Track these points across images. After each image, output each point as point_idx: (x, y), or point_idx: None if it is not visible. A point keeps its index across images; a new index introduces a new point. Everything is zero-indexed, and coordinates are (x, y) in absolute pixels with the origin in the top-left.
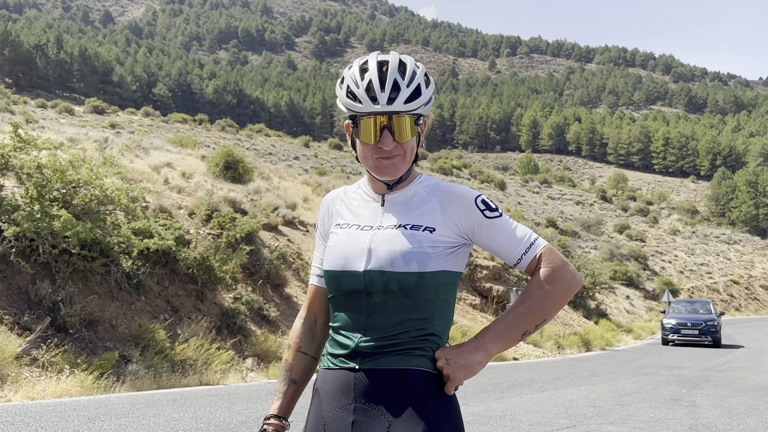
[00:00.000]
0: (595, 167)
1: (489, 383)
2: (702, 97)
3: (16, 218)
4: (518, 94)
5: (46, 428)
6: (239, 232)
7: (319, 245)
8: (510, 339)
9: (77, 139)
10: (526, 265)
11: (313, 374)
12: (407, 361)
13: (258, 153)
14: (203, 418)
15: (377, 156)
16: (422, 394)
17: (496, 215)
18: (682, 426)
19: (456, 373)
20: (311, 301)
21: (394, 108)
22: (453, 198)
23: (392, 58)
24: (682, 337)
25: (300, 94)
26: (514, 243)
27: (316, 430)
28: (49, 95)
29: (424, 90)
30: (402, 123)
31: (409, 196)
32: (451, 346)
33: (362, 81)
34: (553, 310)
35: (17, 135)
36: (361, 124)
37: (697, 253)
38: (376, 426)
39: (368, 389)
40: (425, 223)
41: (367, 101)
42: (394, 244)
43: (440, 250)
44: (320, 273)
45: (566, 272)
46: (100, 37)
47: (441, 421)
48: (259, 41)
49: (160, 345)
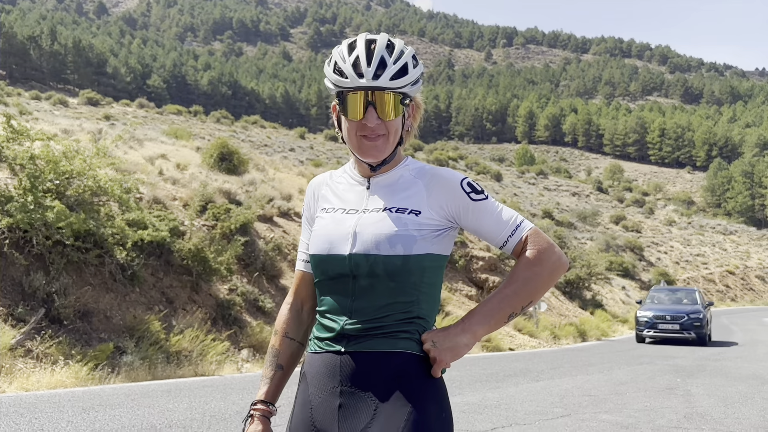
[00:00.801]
0: (591, 158)
1: (484, 373)
2: (698, 87)
3: (9, 209)
4: (514, 85)
5: (41, 419)
6: (234, 223)
7: (305, 230)
8: (496, 321)
9: (71, 131)
10: (512, 248)
11: (299, 360)
12: (393, 343)
13: (253, 144)
14: (198, 408)
15: (361, 134)
16: (409, 376)
17: (481, 198)
18: (677, 415)
19: (442, 355)
20: (298, 286)
21: (379, 83)
22: (438, 181)
23: (380, 38)
24: (659, 332)
25: (295, 85)
26: (500, 225)
27: (303, 413)
28: (43, 87)
29: (411, 69)
30: (387, 100)
31: (394, 179)
32: (438, 329)
33: (349, 57)
34: (539, 291)
35: (10, 126)
36: (347, 99)
37: (693, 244)
38: (362, 409)
39: (354, 372)
40: (411, 206)
41: (353, 76)
42: (379, 228)
43: (426, 233)
44: (306, 258)
45: (552, 254)
46: (94, 28)
47: (428, 403)
48: (254, 32)
49: (155, 336)
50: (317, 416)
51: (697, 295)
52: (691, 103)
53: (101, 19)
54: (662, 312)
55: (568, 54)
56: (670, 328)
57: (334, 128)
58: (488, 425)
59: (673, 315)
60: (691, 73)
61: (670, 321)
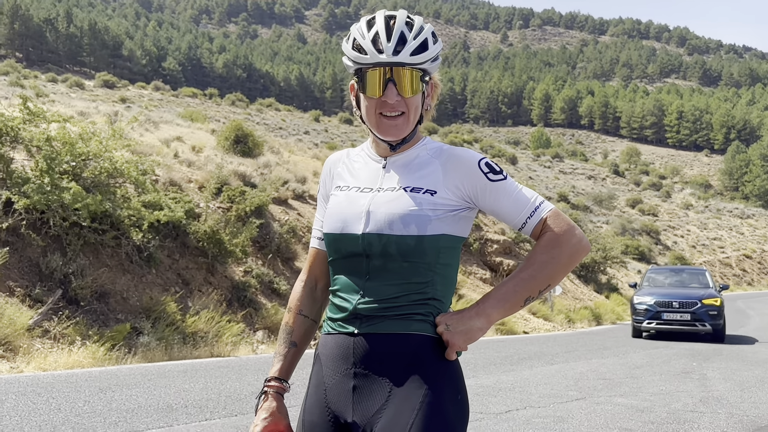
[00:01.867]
0: (608, 141)
1: (499, 356)
2: (717, 69)
3: (26, 191)
4: (530, 68)
5: (58, 399)
6: (249, 205)
7: (320, 207)
8: (512, 305)
9: (87, 113)
10: (531, 229)
11: (313, 337)
12: (407, 325)
13: (268, 127)
14: (214, 388)
15: (381, 112)
16: (423, 358)
17: (500, 178)
18: (693, 399)
19: (456, 338)
20: (312, 264)
21: (399, 59)
22: (455, 160)
23: (400, 14)
24: (664, 324)
25: (310, 68)
26: (519, 206)
27: (317, 395)
28: (59, 69)
29: (431, 45)
30: (406, 76)
31: (411, 158)
32: (452, 312)
33: (368, 33)
34: (557, 275)
35: (26, 108)
36: (366, 76)
37: (710, 228)
38: (377, 391)
39: (368, 354)
40: (426, 185)
41: (372, 52)
42: (393, 207)
43: (441, 213)
44: (320, 236)
45: (572, 236)
46: (109, 10)
47: (443, 385)
48: (269, 14)
49: (171, 317)
50: (331, 398)
51: (708, 277)
52: (709, 86)
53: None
54: (667, 297)
55: (585, 35)
56: (679, 318)
57: (352, 108)
58: (503, 407)
59: (683, 301)
60: (709, 54)
61: (679, 309)
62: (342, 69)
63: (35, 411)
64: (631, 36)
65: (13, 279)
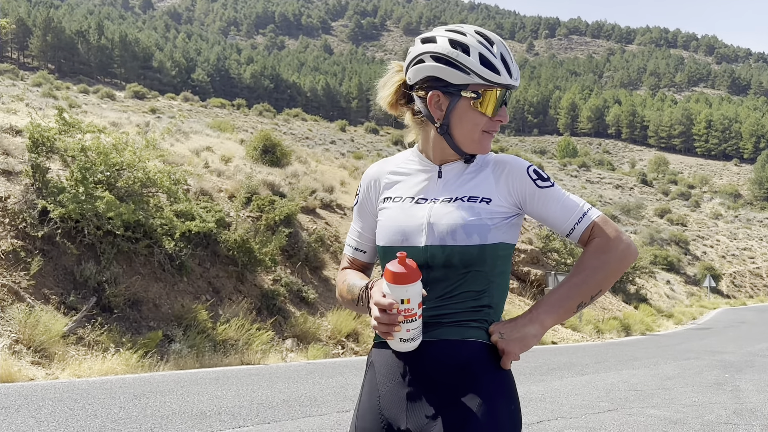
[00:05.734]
0: (636, 150)
1: (528, 366)
2: (746, 78)
3: (61, 200)
4: (556, 77)
5: (94, 405)
6: (278, 214)
7: (356, 219)
8: (565, 310)
9: (119, 124)
10: (579, 235)
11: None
12: (462, 332)
13: (295, 137)
14: (246, 396)
15: (486, 129)
16: (478, 366)
17: (548, 185)
18: (726, 410)
19: (511, 346)
20: (347, 268)
21: (516, 84)
22: (505, 168)
23: (492, 34)
24: None
25: (336, 78)
26: (567, 213)
27: (370, 402)
28: (90, 81)
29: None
30: (511, 99)
31: (462, 167)
32: (505, 320)
33: (494, 50)
34: (608, 280)
35: (62, 119)
36: (488, 94)
37: (740, 238)
38: (431, 398)
39: (423, 361)
40: (481, 194)
41: (504, 73)
42: (454, 217)
43: (498, 221)
44: (357, 246)
45: (620, 242)
46: (139, 23)
47: (497, 394)
48: (296, 26)
49: (202, 325)
50: (385, 404)
51: None
52: (738, 94)
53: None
54: None
55: (612, 44)
56: None
57: (420, 115)
58: (534, 418)
59: None
60: (738, 63)
61: None
62: (368, 79)
63: (72, 417)
64: (659, 45)
65: (49, 287)
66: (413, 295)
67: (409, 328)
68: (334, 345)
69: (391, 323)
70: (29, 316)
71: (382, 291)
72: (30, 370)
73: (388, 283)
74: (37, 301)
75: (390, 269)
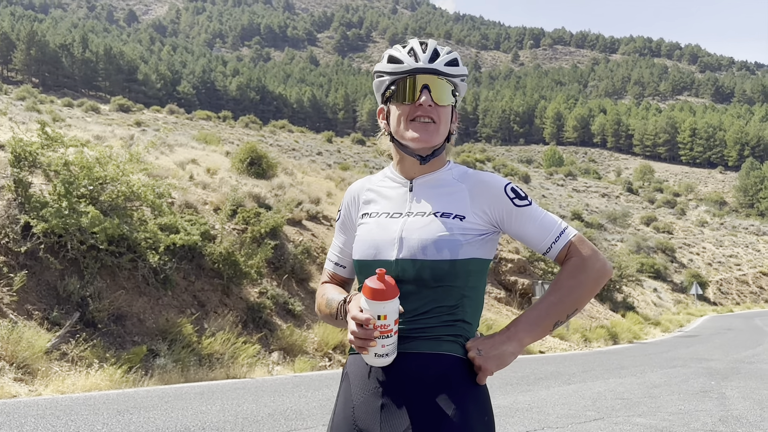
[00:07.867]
0: (621, 159)
1: (515, 376)
2: (729, 86)
3: (44, 215)
4: (542, 87)
5: (77, 421)
6: (264, 227)
7: (339, 235)
8: (542, 329)
9: (103, 137)
10: (556, 254)
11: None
12: (437, 345)
13: (281, 149)
14: (231, 410)
15: (412, 118)
16: (452, 379)
17: (525, 203)
18: (712, 418)
19: (488, 363)
20: (328, 282)
21: (435, 66)
22: (482, 186)
23: (430, 41)
24: None
25: (322, 89)
26: (544, 232)
27: (345, 412)
28: (75, 94)
29: (460, 64)
30: (440, 85)
31: (438, 182)
32: (483, 337)
33: (404, 49)
34: (583, 299)
35: (44, 133)
36: (399, 85)
37: (726, 245)
38: (405, 409)
39: (397, 372)
40: (455, 210)
41: (409, 60)
42: (426, 232)
43: (470, 237)
44: (337, 261)
45: (596, 261)
46: (124, 36)
47: (471, 406)
48: (282, 37)
49: (187, 339)
50: (359, 415)
51: None
52: (722, 103)
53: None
54: None
55: (596, 54)
56: None
57: (378, 134)
58: (520, 428)
59: None
60: (721, 71)
61: None
62: (354, 90)
63: None
64: (643, 54)
65: (32, 302)
66: (390, 311)
67: (385, 344)
68: (321, 357)
69: (366, 338)
70: (12, 332)
71: (359, 306)
72: (12, 386)
73: (366, 299)
74: (20, 316)
75: (369, 285)
